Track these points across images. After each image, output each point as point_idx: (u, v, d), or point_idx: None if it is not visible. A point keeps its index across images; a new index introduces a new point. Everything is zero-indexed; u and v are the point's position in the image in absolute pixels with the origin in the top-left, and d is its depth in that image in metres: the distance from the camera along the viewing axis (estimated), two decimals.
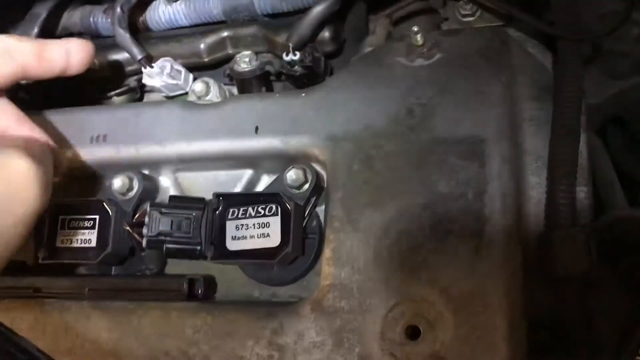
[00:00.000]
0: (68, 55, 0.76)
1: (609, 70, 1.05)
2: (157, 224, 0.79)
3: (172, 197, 0.83)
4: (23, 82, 1.00)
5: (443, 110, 0.79)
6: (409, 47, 0.85)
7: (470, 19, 0.93)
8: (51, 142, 0.78)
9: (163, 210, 0.79)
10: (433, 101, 0.80)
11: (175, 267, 0.90)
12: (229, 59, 1.06)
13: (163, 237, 0.79)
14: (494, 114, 0.77)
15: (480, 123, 0.77)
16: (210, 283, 0.84)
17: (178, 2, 1.09)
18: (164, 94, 1.09)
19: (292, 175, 0.80)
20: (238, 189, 0.89)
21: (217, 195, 0.80)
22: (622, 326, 0.73)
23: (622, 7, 0.77)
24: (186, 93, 1.06)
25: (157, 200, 0.92)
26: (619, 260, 0.74)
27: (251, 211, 0.78)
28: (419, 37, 0.83)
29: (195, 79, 1.07)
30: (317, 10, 0.92)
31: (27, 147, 0.68)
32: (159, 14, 1.10)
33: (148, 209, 0.80)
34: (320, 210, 0.84)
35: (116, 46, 1.05)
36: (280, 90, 1.11)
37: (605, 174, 0.89)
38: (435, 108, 0.79)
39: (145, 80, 1.05)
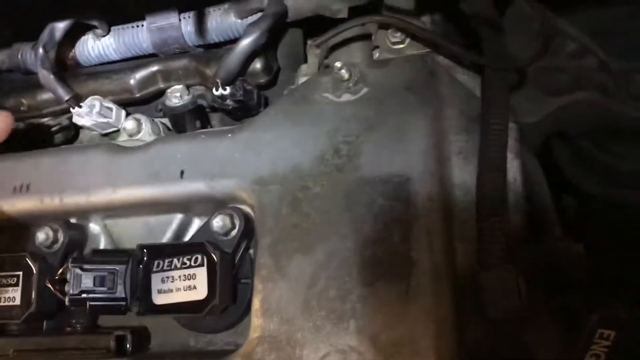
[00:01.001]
0: None
1: (546, 86, 1.04)
2: (79, 281, 0.76)
3: (94, 251, 0.80)
4: None
5: (369, 148, 0.77)
6: (336, 81, 0.83)
7: (401, 46, 0.91)
8: None
9: (85, 266, 0.76)
10: (360, 139, 0.78)
11: (108, 318, 0.87)
12: (161, 93, 1.04)
13: (86, 295, 0.76)
14: (420, 150, 0.75)
15: (406, 160, 0.75)
16: (141, 336, 0.81)
17: (107, 37, 1.06)
18: (96, 132, 1.06)
19: (218, 222, 0.78)
20: (169, 233, 0.86)
21: (141, 247, 0.78)
22: (558, 356, 0.72)
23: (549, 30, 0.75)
24: (119, 130, 1.03)
25: (87, 248, 0.89)
26: (552, 294, 0.73)
27: (176, 262, 0.76)
28: (344, 71, 0.81)
29: (128, 114, 1.04)
30: (243, 44, 0.90)
31: None
32: (88, 49, 1.07)
33: (70, 265, 0.76)
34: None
35: None
36: (217, 120, 1.09)
37: (541, 199, 0.88)
38: (362, 146, 0.77)
39: (75, 119, 1.02)
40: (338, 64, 0.80)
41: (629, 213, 1.16)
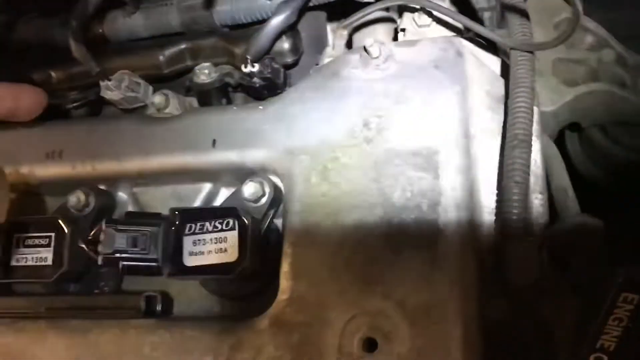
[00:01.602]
0: (18, 100, 0.72)
1: (563, 78, 1.06)
2: (113, 241, 0.78)
3: (128, 214, 0.82)
4: None
5: (398, 122, 0.79)
6: (365, 58, 0.85)
7: (426, 29, 0.94)
8: None
9: (119, 227, 0.78)
10: (389, 113, 0.80)
11: (134, 283, 0.89)
12: (188, 70, 1.06)
13: (119, 255, 0.78)
14: (448, 125, 0.78)
15: (434, 134, 0.77)
16: (167, 299, 0.83)
17: (136, 14, 1.08)
18: (123, 107, 1.08)
19: (249, 189, 0.80)
20: (197, 202, 0.89)
21: (173, 211, 0.80)
22: (574, 330, 0.74)
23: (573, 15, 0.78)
24: (146, 105, 1.05)
25: (116, 215, 0.91)
26: (571, 268, 0.75)
27: (208, 226, 0.78)
28: (374, 48, 0.84)
29: (154, 91, 1.06)
30: (275, 22, 0.92)
31: None
32: (118, 26, 1.10)
33: (103, 226, 0.79)
34: (279, 223, 0.84)
35: (73, 59, 1.04)
36: (240, 101, 1.11)
37: (560, 181, 0.91)
38: (391, 120, 0.80)
39: (104, 93, 1.04)
40: (369, 41, 0.82)
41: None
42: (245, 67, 0.96)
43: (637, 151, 1.16)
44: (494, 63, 0.91)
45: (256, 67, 0.95)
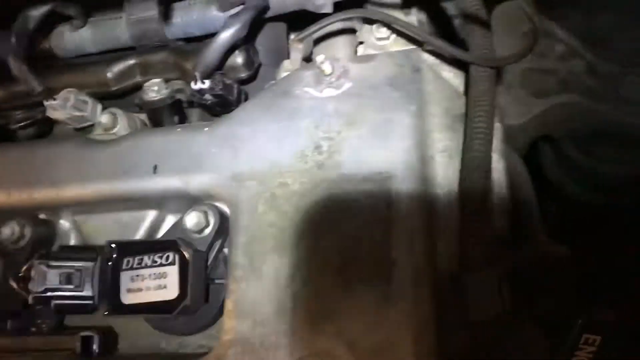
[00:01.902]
0: None
1: (533, 88, 1.02)
2: (44, 278, 0.72)
3: (61, 248, 0.77)
4: None
5: (351, 144, 0.74)
6: (318, 76, 0.80)
7: (385, 42, 0.89)
8: None
9: (51, 263, 0.73)
10: (341, 135, 0.75)
11: (75, 317, 0.83)
12: (138, 86, 1.01)
13: (51, 294, 0.72)
14: (403, 148, 0.73)
15: (388, 158, 0.72)
16: (109, 337, 0.77)
17: (84, 28, 1.03)
18: (71, 126, 1.02)
19: (192, 218, 0.75)
20: (141, 231, 0.83)
21: (110, 244, 0.74)
22: None
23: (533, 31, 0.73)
24: (94, 124, 1.00)
25: (57, 245, 0.85)
26: (536, 296, 0.70)
27: (147, 260, 0.73)
28: (326, 65, 0.79)
29: (104, 108, 1.01)
30: (223, 37, 0.87)
31: None
32: (65, 41, 1.04)
33: (35, 262, 0.73)
34: None
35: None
36: (196, 116, 1.05)
37: (526, 202, 0.86)
38: (343, 142, 0.75)
39: (49, 113, 0.98)
40: (320, 58, 0.77)
41: (612, 217, 1.15)
42: (195, 83, 0.90)
43: (609, 162, 1.12)
44: (457, 77, 0.85)
45: (206, 84, 0.90)
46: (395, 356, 0.64)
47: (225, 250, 0.80)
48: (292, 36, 1.05)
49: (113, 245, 0.74)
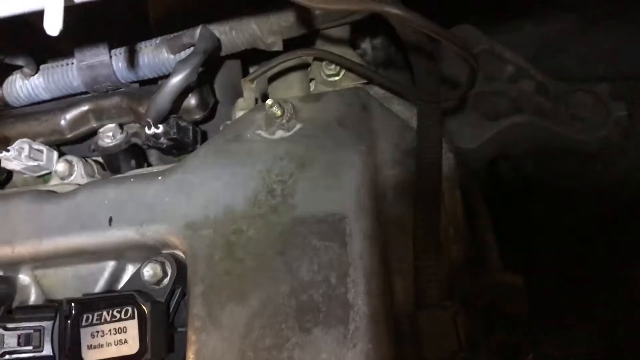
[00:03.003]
0: None
1: (485, 111, 1.04)
2: (1, 342, 0.71)
3: (18, 309, 0.76)
4: None
5: (304, 186, 0.75)
6: (269, 118, 0.81)
7: (335, 78, 0.90)
8: None
9: (8, 325, 0.72)
10: (293, 178, 0.76)
11: None
12: (94, 132, 1.01)
13: (9, 357, 0.71)
14: (354, 187, 0.74)
15: (340, 198, 0.73)
16: None
17: (36, 76, 1.02)
18: (28, 176, 1.01)
19: (148, 270, 0.75)
20: (101, 282, 0.83)
21: (68, 302, 0.74)
22: None
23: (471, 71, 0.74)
24: (51, 172, 0.99)
25: (17, 301, 0.84)
26: (492, 327, 0.72)
27: (106, 316, 0.72)
28: (275, 108, 0.79)
29: (62, 154, 1.00)
30: (173, 82, 0.87)
31: None
32: (17, 89, 1.03)
33: None
34: None
35: None
36: (155, 158, 1.06)
37: (482, 230, 0.87)
38: (296, 185, 0.75)
39: (4, 164, 0.98)
40: (269, 102, 0.78)
41: (572, 231, 1.17)
42: (149, 129, 0.90)
43: (566, 177, 1.14)
44: (407, 108, 0.87)
45: (160, 129, 0.90)
46: None
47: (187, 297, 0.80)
48: (250, 70, 1.06)
49: (71, 303, 0.73)
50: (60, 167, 0.95)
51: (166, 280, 0.75)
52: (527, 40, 1.21)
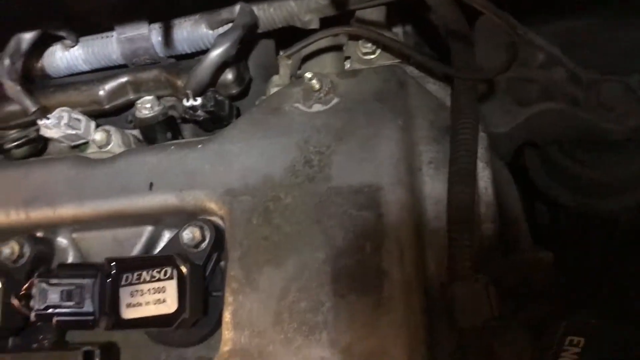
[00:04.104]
0: None
1: (516, 97, 1.05)
2: (45, 296, 0.74)
3: (61, 266, 0.79)
4: None
5: (340, 158, 0.77)
6: (306, 92, 0.83)
7: (371, 56, 0.91)
8: None
9: (51, 281, 0.75)
10: (330, 149, 0.78)
11: (76, 333, 0.85)
12: (131, 104, 1.03)
13: (52, 310, 0.74)
14: (391, 160, 0.75)
15: (376, 170, 0.75)
16: (110, 351, 0.79)
17: (76, 47, 1.05)
18: (65, 145, 1.04)
19: (188, 234, 0.77)
20: (138, 247, 0.85)
21: (109, 261, 0.76)
22: None
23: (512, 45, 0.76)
24: (88, 142, 1.02)
25: (55, 263, 0.87)
26: (522, 302, 0.73)
27: (146, 276, 0.75)
28: (314, 82, 0.81)
29: (98, 125, 1.03)
30: (213, 55, 0.89)
31: None
32: (57, 60, 1.06)
33: (35, 280, 0.75)
34: None
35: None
36: (189, 132, 1.08)
37: (512, 209, 0.89)
38: (333, 156, 0.77)
39: (43, 131, 1.00)
40: (308, 75, 0.80)
41: (597, 221, 1.17)
42: (187, 101, 0.92)
43: (594, 167, 1.14)
44: (442, 88, 0.88)
45: (198, 101, 0.92)
46: None
47: (222, 263, 0.82)
48: (280, 53, 1.08)
49: (112, 262, 0.75)
50: (99, 136, 0.98)
51: (204, 244, 0.77)
52: (553, 35, 1.22)
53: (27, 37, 0.98)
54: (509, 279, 0.75)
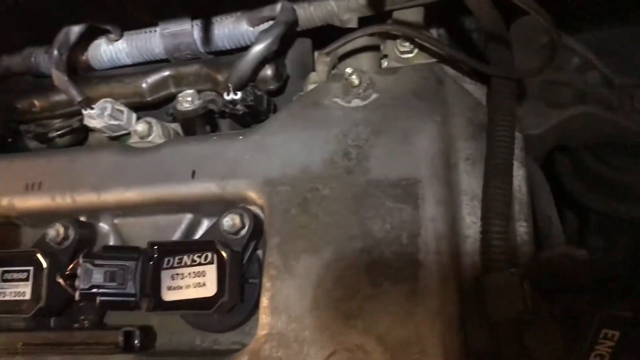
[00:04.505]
0: None
1: (550, 100, 1.06)
2: (90, 276, 0.77)
3: (105, 248, 0.81)
4: None
5: (378, 152, 0.79)
6: (346, 87, 0.85)
7: (409, 55, 0.93)
8: None
9: (96, 262, 0.77)
10: (369, 143, 0.80)
11: (115, 316, 0.88)
12: (172, 97, 1.06)
13: (96, 290, 0.77)
14: (428, 155, 0.77)
15: (414, 164, 0.76)
16: (148, 333, 0.82)
17: (120, 41, 1.08)
18: (107, 135, 1.07)
19: (228, 221, 0.79)
20: (178, 233, 0.88)
21: (151, 245, 0.79)
22: None
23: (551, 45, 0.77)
24: (129, 133, 1.05)
25: (96, 247, 0.90)
26: (556, 298, 0.74)
27: (187, 260, 0.77)
28: (354, 77, 0.83)
29: (138, 118, 1.06)
30: (255, 50, 0.92)
31: None
32: (101, 53, 1.09)
33: (81, 260, 0.78)
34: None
35: (56, 87, 1.04)
36: (226, 127, 1.10)
37: (545, 208, 0.90)
38: (371, 150, 0.79)
39: (87, 121, 1.04)
40: (349, 70, 0.82)
41: (628, 227, 1.18)
42: (228, 94, 0.95)
43: (626, 172, 1.15)
44: (478, 88, 0.90)
45: (238, 95, 0.95)
46: (423, 349, 0.68)
47: (259, 252, 0.84)
48: (315, 52, 1.10)
49: (154, 246, 0.78)
50: (140, 126, 1.00)
51: (243, 231, 0.79)
52: (584, 43, 1.23)
53: (75, 30, 1.02)
54: (542, 275, 0.76)
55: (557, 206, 0.98)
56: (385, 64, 0.97)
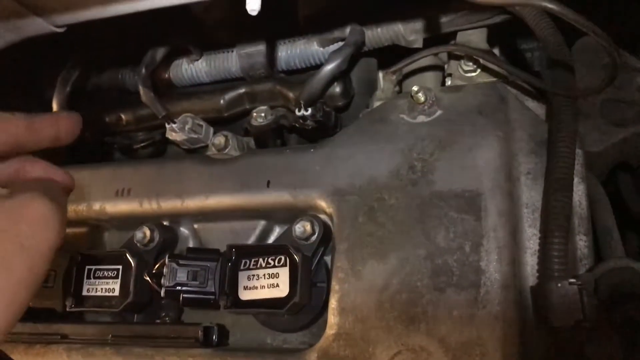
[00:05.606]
0: (57, 127, 0.78)
1: (612, 118, 1.07)
2: (175, 275, 0.84)
3: (189, 249, 0.89)
4: None
5: (443, 165, 0.83)
6: (411, 104, 0.90)
7: (472, 74, 0.98)
8: (63, 178, 0.74)
9: (180, 262, 0.85)
10: (433, 157, 0.84)
11: (191, 314, 0.95)
12: (246, 113, 1.13)
13: (180, 288, 0.84)
14: (491, 168, 0.81)
15: (477, 177, 0.81)
16: (223, 330, 0.88)
17: (199, 61, 1.17)
18: (185, 147, 1.15)
19: (300, 227, 0.85)
20: (252, 238, 0.94)
21: (230, 247, 0.86)
22: None
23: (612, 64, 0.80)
24: (206, 146, 1.13)
25: (177, 249, 0.98)
26: (615, 308, 0.76)
27: (262, 262, 0.83)
28: (420, 95, 0.88)
29: (215, 132, 1.14)
30: (327, 70, 0.98)
31: (44, 187, 0.69)
32: (182, 72, 1.18)
33: (166, 260, 0.85)
34: (329, 259, 0.89)
35: (141, 102, 1.13)
36: (294, 142, 1.17)
37: (605, 222, 0.92)
38: (436, 163, 0.84)
39: (169, 134, 1.12)
40: (415, 88, 0.87)
41: None
42: (299, 110, 1.02)
43: None
44: (538, 106, 0.93)
45: (309, 111, 1.01)
46: (484, 352, 0.71)
47: (326, 258, 0.90)
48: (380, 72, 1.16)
49: (233, 249, 0.85)
50: (218, 140, 1.08)
51: (314, 237, 0.85)
52: None
53: (160, 50, 1.11)
54: (602, 286, 0.78)
55: (618, 223, 0.99)
56: (449, 82, 1.01)
